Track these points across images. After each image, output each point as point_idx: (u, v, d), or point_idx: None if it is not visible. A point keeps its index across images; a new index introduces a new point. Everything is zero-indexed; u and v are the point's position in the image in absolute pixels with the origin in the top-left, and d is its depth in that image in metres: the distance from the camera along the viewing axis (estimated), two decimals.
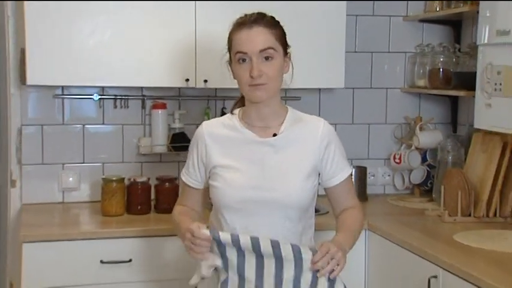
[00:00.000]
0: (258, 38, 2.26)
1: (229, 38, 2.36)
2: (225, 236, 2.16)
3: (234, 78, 2.38)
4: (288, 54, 2.37)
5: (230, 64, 2.40)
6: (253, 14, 2.34)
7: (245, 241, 2.15)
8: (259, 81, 2.25)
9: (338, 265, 2.15)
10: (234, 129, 2.42)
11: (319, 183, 2.44)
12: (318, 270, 2.14)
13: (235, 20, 2.37)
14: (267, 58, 2.26)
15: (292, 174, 2.35)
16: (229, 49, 2.37)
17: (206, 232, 2.14)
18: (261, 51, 2.25)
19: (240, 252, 2.17)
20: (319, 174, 2.42)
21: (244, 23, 2.30)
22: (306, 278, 2.17)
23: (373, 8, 4.14)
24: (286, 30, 2.51)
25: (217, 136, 2.43)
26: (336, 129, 2.49)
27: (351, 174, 2.52)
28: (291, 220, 2.35)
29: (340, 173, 2.42)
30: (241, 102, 2.46)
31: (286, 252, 2.14)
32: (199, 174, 2.47)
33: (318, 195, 2.48)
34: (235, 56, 2.30)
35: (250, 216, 2.32)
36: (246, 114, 2.42)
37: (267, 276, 2.19)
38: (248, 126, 2.40)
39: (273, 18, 2.36)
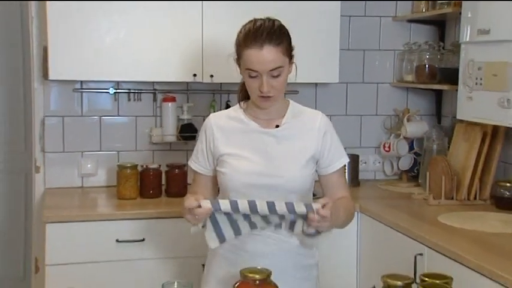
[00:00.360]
0: (268, 59, 2.20)
1: (238, 45, 2.30)
2: (224, 203, 2.15)
3: (240, 74, 2.34)
4: (292, 59, 2.31)
5: (237, 62, 2.34)
6: (262, 25, 2.24)
7: (243, 204, 2.14)
8: (268, 94, 2.24)
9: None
10: (240, 121, 2.40)
11: (316, 171, 2.43)
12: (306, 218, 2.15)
13: (245, 27, 2.30)
14: (275, 75, 2.22)
15: (293, 163, 2.34)
16: (238, 55, 2.30)
17: (207, 204, 2.13)
18: (271, 70, 2.21)
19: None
20: (317, 162, 2.40)
21: (255, 39, 2.21)
22: (288, 219, 2.19)
23: (365, 9, 4.14)
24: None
25: (224, 127, 2.41)
26: (330, 121, 2.47)
27: (345, 166, 2.49)
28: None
29: (337, 161, 2.40)
30: (245, 91, 2.40)
31: (281, 208, 2.14)
32: (208, 162, 2.44)
33: (315, 181, 2.48)
34: (246, 70, 2.25)
35: (251, 196, 2.26)
36: (251, 107, 2.40)
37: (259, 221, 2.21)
38: (252, 118, 2.38)
39: (280, 28, 2.28)
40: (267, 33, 2.20)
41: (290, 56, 2.29)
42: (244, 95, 2.44)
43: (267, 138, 2.35)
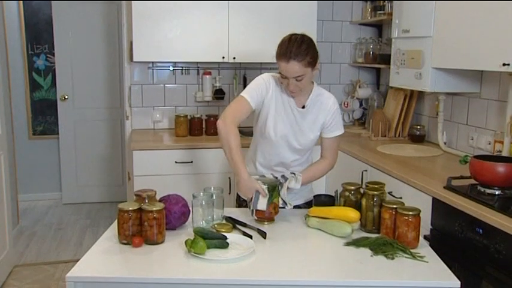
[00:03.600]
0: (293, 70, 2.04)
1: (276, 56, 2.09)
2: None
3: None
4: (317, 65, 2.11)
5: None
6: (292, 46, 2.03)
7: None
8: (293, 90, 2.12)
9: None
10: (284, 93, 2.21)
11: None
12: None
13: (281, 43, 2.09)
14: (299, 80, 2.08)
15: (309, 133, 2.25)
16: (277, 60, 2.09)
17: (260, 186, 2.01)
18: (295, 77, 2.06)
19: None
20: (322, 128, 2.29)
21: (285, 55, 2.04)
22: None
23: (332, 15, 4.14)
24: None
25: (276, 90, 2.21)
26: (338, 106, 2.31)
27: (339, 136, 2.32)
28: (300, 155, 2.30)
29: (334, 132, 2.28)
30: None
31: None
32: (257, 100, 2.18)
33: None
34: (280, 72, 2.12)
35: (276, 148, 2.26)
36: None
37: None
38: (290, 95, 2.21)
39: (307, 45, 2.06)
40: (295, 53, 2.03)
41: (314, 65, 2.09)
42: None
43: (296, 114, 2.22)
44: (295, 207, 2.22)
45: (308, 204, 2.38)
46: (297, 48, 2.04)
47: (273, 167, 2.32)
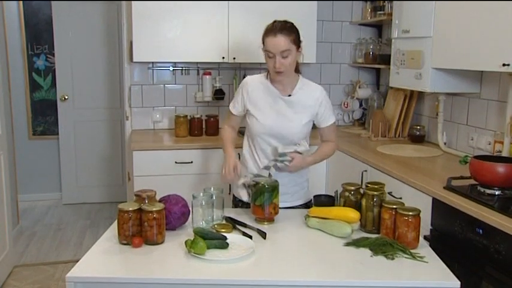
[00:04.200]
0: (279, 44, 2.14)
1: (262, 37, 2.22)
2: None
3: (265, 59, 2.24)
4: (300, 48, 2.22)
5: (262, 49, 2.24)
6: (278, 23, 2.19)
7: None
8: (279, 70, 2.18)
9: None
10: (266, 87, 2.30)
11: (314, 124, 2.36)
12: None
13: (269, 25, 2.22)
14: (284, 56, 2.16)
15: (296, 122, 2.26)
16: (263, 43, 2.22)
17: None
18: (281, 52, 2.15)
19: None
20: (313, 120, 2.33)
21: (272, 30, 2.16)
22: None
23: (332, 16, 4.14)
24: None
25: (255, 88, 2.32)
26: (327, 96, 2.35)
27: (335, 123, 2.37)
28: (290, 144, 2.27)
29: (327, 121, 2.33)
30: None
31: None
32: (241, 108, 2.35)
33: None
34: (266, 52, 2.20)
35: (268, 139, 2.28)
36: (272, 80, 2.29)
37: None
38: (275, 85, 2.29)
39: (291, 25, 2.21)
40: (280, 27, 2.16)
41: (297, 46, 2.20)
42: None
43: (282, 102, 2.27)
44: (292, 208, 2.27)
45: (305, 206, 2.40)
46: (283, 25, 2.18)
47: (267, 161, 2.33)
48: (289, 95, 2.28)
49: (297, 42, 2.20)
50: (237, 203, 2.42)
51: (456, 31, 2.62)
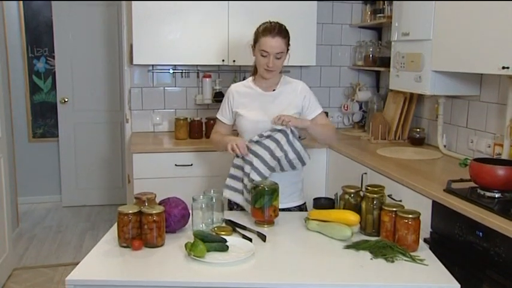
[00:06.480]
0: (276, 46, 2.25)
1: (256, 35, 2.31)
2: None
3: (253, 55, 2.35)
4: (288, 50, 2.34)
5: (252, 47, 2.35)
6: (275, 24, 2.29)
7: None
8: (271, 69, 2.29)
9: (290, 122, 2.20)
10: (250, 88, 2.42)
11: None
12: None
13: (263, 24, 2.32)
14: (278, 57, 2.28)
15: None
16: (255, 41, 2.31)
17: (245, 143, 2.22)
18: (276, 53, 2.26)
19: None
20: (300, 113, 2.38)
21: (270, 31, 2.25)
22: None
23: (332, 18, 4.14)
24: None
25: (240, 92, 2.43)
26: (310, 89, 2.46)
27: (324, 112, 2.46)
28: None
29: (313, 112, 2.39)
30: (255, 70, 2.42)
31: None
32: (229, 115, 2.45)
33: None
34: (260, 51, 2.28)
35: (254, 134, 2.30)
36: (257, 79, 2.41)
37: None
38: (258, 85, 2.40)
39: (285, 29, 2.32)
40: (278, 29, 2.26)
41: (287, 48, 2.32)
42: (254, 72, 2.45)
43: (267, 98, 2.37)
44: (287, 210, 2.28)
45: (299, 208, 2.42)
46: (280, 27, 2.29)
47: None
48: (274, 90, 2.38)
49: (288, 45, 2.32)
50: (232, 205, 2.43)
51: (456, 34, 2.62)
